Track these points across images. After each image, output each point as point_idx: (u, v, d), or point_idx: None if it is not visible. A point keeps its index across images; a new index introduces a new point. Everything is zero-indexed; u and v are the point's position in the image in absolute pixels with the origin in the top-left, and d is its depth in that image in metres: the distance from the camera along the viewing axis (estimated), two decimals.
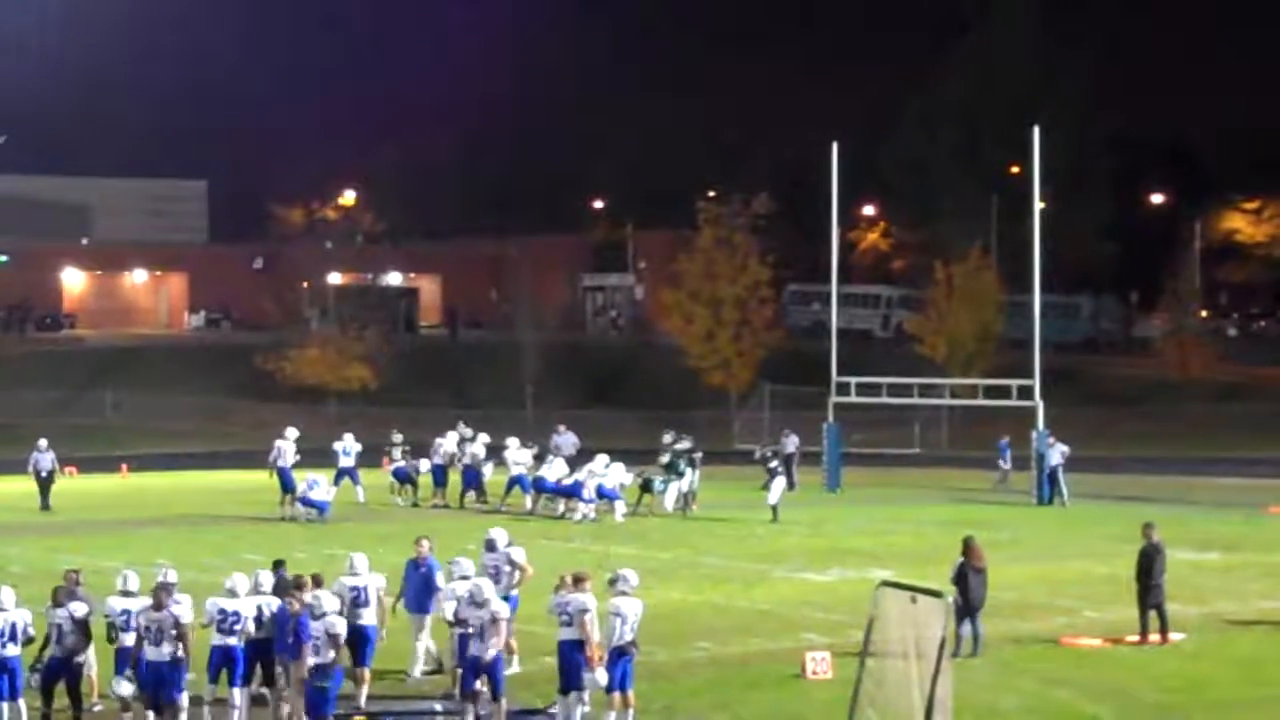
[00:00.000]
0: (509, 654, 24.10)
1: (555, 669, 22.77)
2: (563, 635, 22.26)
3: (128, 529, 43.46)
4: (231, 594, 22.64)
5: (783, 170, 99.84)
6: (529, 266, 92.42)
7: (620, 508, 45.20)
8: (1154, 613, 28.10)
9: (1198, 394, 79.87)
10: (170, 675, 21.60)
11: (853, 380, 56.28)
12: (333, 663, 21.81)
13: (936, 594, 19.75)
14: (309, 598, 22.37)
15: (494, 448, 49.23)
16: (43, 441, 49.19)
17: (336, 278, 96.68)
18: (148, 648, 21.64)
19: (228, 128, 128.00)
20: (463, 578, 23.91)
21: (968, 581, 26.80)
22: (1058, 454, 50.90)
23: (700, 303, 78.92)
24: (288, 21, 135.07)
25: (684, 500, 46.91)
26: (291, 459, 46.28)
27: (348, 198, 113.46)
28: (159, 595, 21.85)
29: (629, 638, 22.12)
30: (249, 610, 22.60)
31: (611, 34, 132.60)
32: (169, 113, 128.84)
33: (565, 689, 22.17)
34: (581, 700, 22.19)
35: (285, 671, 22.49)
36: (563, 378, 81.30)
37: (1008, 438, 55.21)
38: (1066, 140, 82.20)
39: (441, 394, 78.63)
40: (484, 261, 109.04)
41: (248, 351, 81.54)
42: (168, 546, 39.20)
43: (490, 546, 25.92)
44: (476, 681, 22.02)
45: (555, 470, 46.49)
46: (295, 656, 22.08)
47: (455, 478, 48.54)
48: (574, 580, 22.55)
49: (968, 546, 27.56)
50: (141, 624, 21.83)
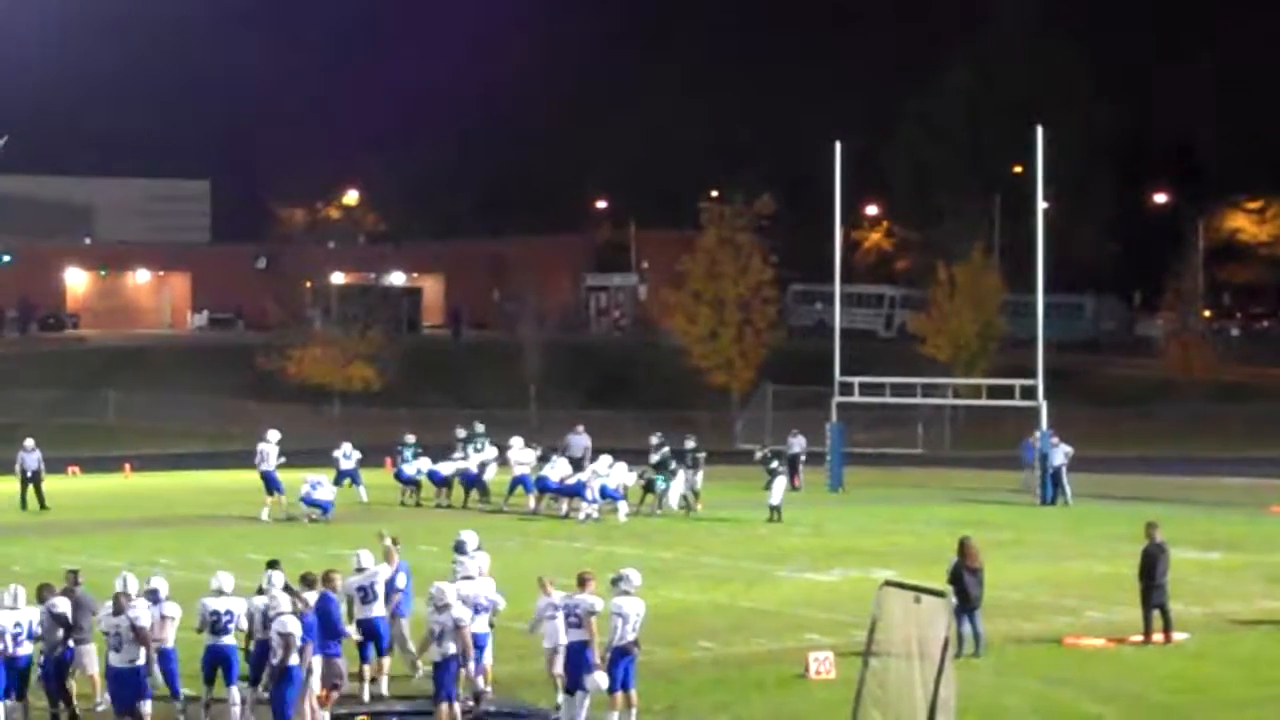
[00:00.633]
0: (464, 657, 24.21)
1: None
2: (570, 636, 22.25)
3: (130, 529, 43.44)
4: (219, 593, 22.64)
5: (785, 170, 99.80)
6: (532, 266, 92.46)
7: (623, 508, 45.21)
8: (1157, 612, 28.09)
9: (1200, 394, 79.86)
10: (131, 681, 21.48)
11: (856, 380, 56.26)
12: (283, 665, 21.70)
13: (940, 594, 19.75)
14: (264, 599, 22.54)
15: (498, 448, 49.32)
16: (29, 441, 49.10)
17: (339, 278, 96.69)
18: (110, 654, 21.58)
19: (230, 128, 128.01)
20: (465, 578, 23.91)
21: (963, 581, 26.78)
22: (1061, 454, 50.91)
23: (703, 303, 78.97)
24: (290, 22, 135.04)
25: (687, 499, 46.94)
26: (275, 461, 46.15)
27: (350, 197, 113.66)
28: (118, 600, 21.75)
29: (631, 637, 22.11)
30: (239, 608, 22.60)
31: (615, 34, 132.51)
32: (171, 113, 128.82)
33: (571, 689, 22.17)
34: (585, 700, 22.18)
35: (330, 665, 22.46)
36: (566, 378, 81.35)
37: (1031, 438, 55.32)
38: (1069, 140, 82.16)
39: (444, 394, 78.66)
40: (487, 261, 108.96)
41: (250, 351, 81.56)
42: (170, 546, 39.20)
43: (460, 549, 25.79)
44: (453, 682, 21.92)
45: (558, 470, 46.51)
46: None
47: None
48: (579, 581, 22.54)
49: (963, 546, 27.55)
50: (102, 630, 21.74)
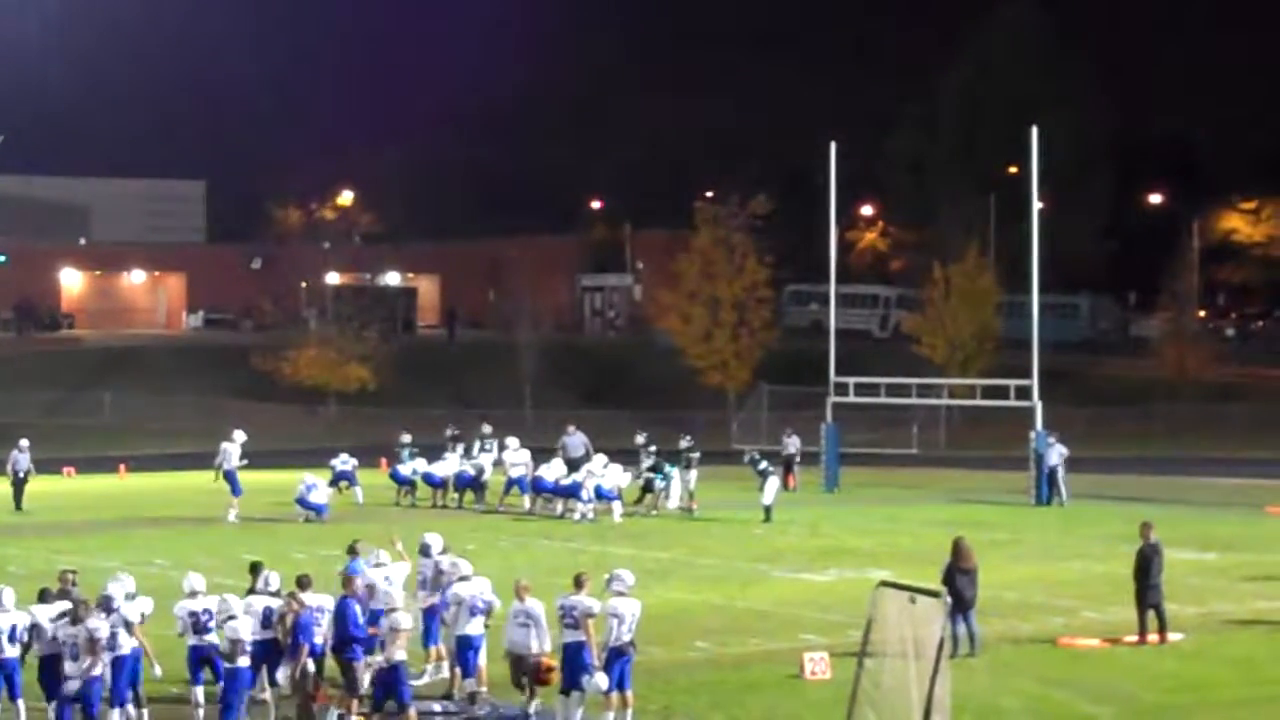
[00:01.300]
0: (438, 660, 24.06)
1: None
2: (567, 637, 22.28)
3: (125, 529, 43.45)
4: (193, 594, 22.64)
5: (780, 170, 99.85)
6: (527, 267, 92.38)
7: (618, 508, 45.21)
8: (1152, 613, 28.11)
9: (1195, 394, 79.87)
10: (85, 691, 21.36)
11: (851, 380, 56.26)
12: (236, 667, 21.71)
13: (935, 594, 19.77)
14: (261, 599, 22.62)
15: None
16: (24, 441, 49.10)
17: (335, 278, 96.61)
18: (67, 663, 21.45)
19: (226, 128, 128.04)
20: (462, 579, 23.95)
21: (956, 582, 26.78)
22: (1056, 454, 50.94)
23: (698, 303, 78.90)
24: (286, 22, 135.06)
25: (686, 499, 46.95)
26: (236, 461, 46.08)
27: (346, 198, 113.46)
28: (76, 611, 21.67)
29: (627, 638, 22.14)
30: (216, 605, 22.60)
31: (610, 35, 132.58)
32: (167, 113, 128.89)
33: (566, 689, 22.21)
34: (581, 700, 22.21)
35: (349, 670, 22.49)
36: (561, 378, 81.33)
37: (1055, 436, 55.39)
38: (1065, 141, 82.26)
39: (440, 394, 78.62)
40: (482, 262, 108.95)
41: (246, 352, 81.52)
42: (165, 547, 39.21)
43: (424, 551, 25.78)
44: (404, 687, 21.82)
45: (554, 470, 46.53)
46: (294, 656, 22.17)
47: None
48: (575, 582, 22.56)
49: (956, 547, 27.57)
50: (60, 639, 21.67)
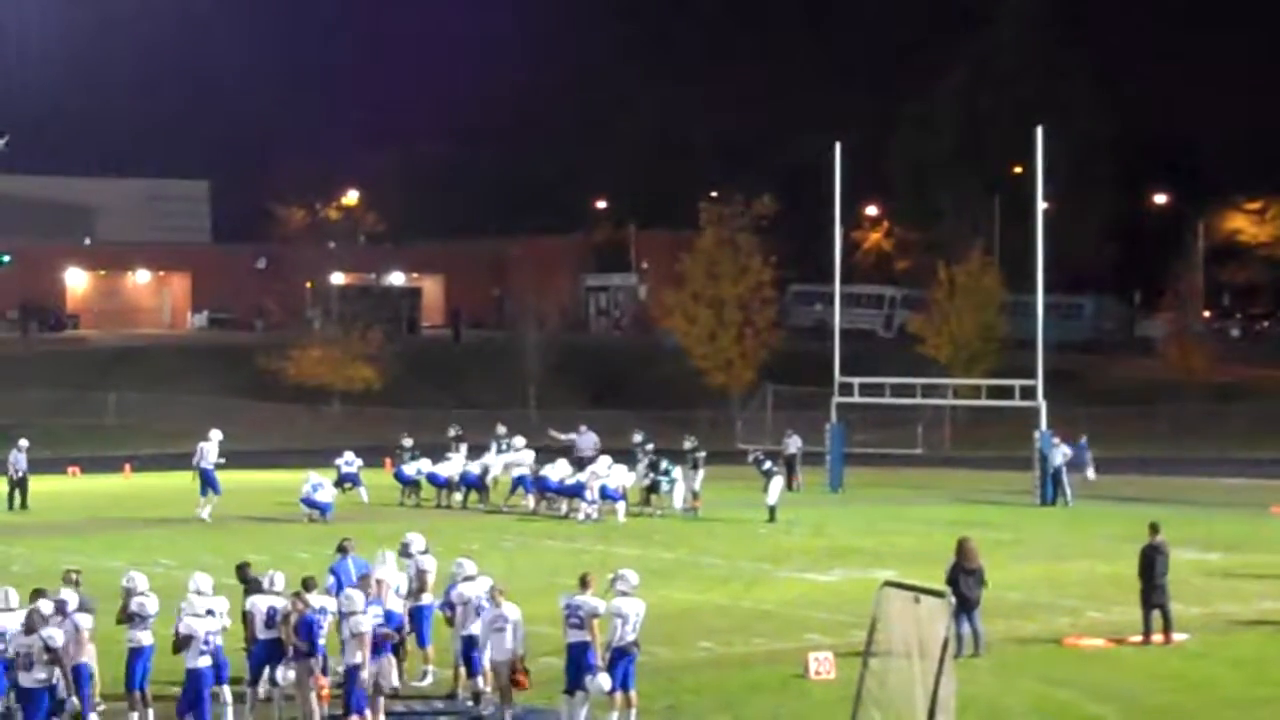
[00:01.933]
0: (425, 663, 23.99)
1: (558, 668, 22.78)
2: (572, 637, 22.24)
3: (130, 529, 43.49)
4: (198, 594, 22.63)
5: (785, 170, 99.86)
6: (532, 266, 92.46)
7: (623, 508, 45.22)
8: (1157, 613, 28.10)
9: (1200, 394, 79.83)
10: (39, 700, 21.24)
11: (856, 380, 56.27)
12: (195, 667, 21.66)
13: (939, 594, 19.74)
14: (265, 599, 22.67)
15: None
16: (23, 441, 49.15)
17: (339, 278, 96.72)
18: (20, 673, 21.29)
19: (230, 128, 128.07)
20: (467, 579, 23.92)
21: (960, 582, 26.77)
22: (1060, 455, 50.94)
23: (703, 303, 78.97)
24: (290, 22, 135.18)
25: (690, 500, 46.95)
26: (213, 460, 46.04)
27: (350, 198, 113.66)
28: (30, 619, 21.49)
29: (631, 638, 22.12)
30: (220, 607, 22.59)
31: (614, 34, 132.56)
32: (171, 113, 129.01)
33: (571, 689, 22.20)
34: (585, 700, 22.19)
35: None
36: (565, 378, 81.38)
37: (1085, 437, 55.32)
38: (1069, 141, 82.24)
39: (444, 394, 78.67)
40: (487, 261, 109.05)
41: (250, 352, 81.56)
42: (169, 547, 39.23)
43: (404, 551, 25.77)
44: (361, 691, 21.84)
45: (558, 470, 46.53)
46: (297, 657, 22.19)
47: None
48: (581, 582, 22.54)
49: (961, 547, 27.55)
50: (12, 650, 21.52)
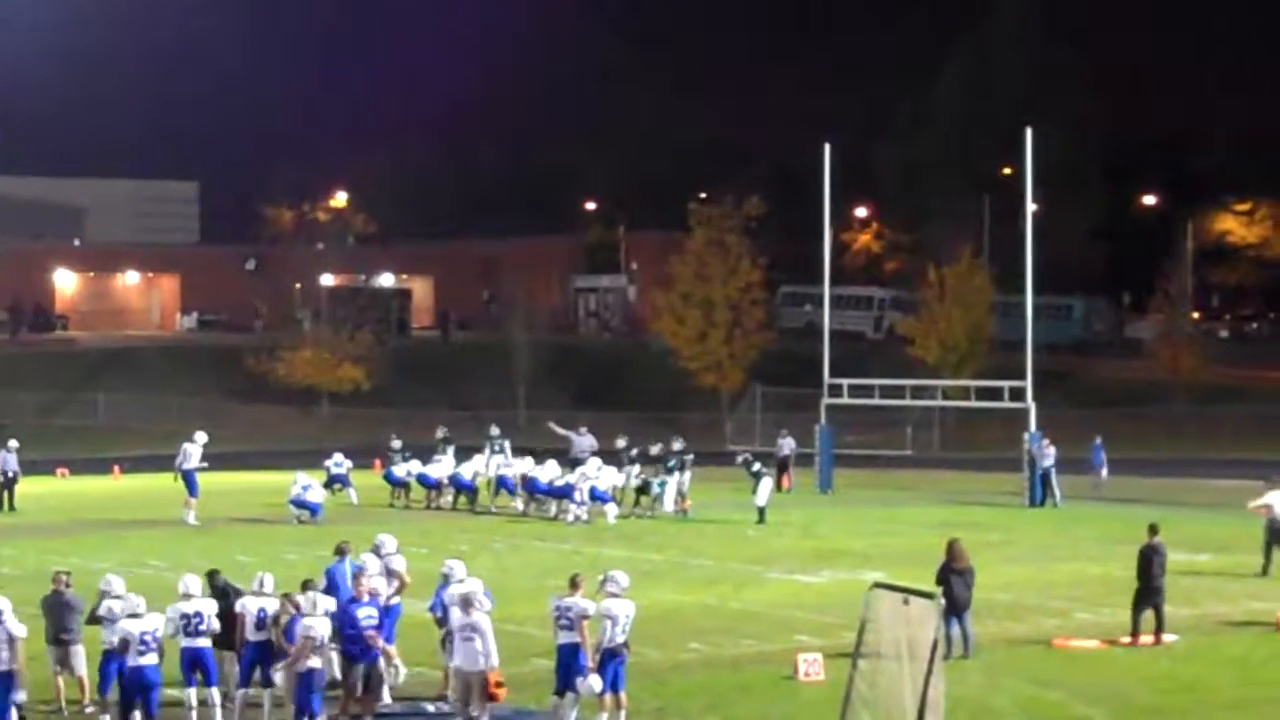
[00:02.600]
0: (390, 664, 24.02)
1: (548, 670, 22.81)
2: (562, 639, 22.27)
3: (120, 530, 43.44)
4: (188, 596, 22.63)
5: (775, 172, 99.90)
6: (521, 268, 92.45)
7: (612, 510, 45.21)
8: (1149, 614, 28.13)
9: (1189, 395, 79.90)
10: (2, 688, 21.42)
11: (845, 382, 56.28)
12: (138, 665, 21.68)
13: (928, 595, 19.77)
14: (255, 601, 22.65)
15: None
16: (13, 442, 49.02)
17: (329, 279, 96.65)
18: None
19: (220, 129, 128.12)
20: (457, 581, 23.93)
21: (950, 583, 26.80)
22: (1049, 456, 50.92)
23: (692, 304, 78.92)
24: (279, 23, 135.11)
25: (679, 501, 46.95)
26: (196, 462, 45.96)
27: (339, 199, 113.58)
28: None
29: (620, 639, 22.12)
30: (209, 609, 22.61)
31: (604, 35, 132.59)
32: (161, 114, 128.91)
33: (561, 690, 22.21)
34: (575, 702, 22.20)
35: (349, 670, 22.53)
36: (555, 379, 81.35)
37: (1100, 439, 55.35)
38: (1059, 142, 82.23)
39: (434, 395, 78.62)
40: (476, 262, 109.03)
41: (240, 353, 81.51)
42: (159, 548, 39.19)
43: (376, 552, 25.78)
44: (314, 695, 21.80)
45: (548, 472, 46.51)
46: (282, 657, 22.22)
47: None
48: (571, 584, 22.55)
49: (950, 548, 27.60)
50: None
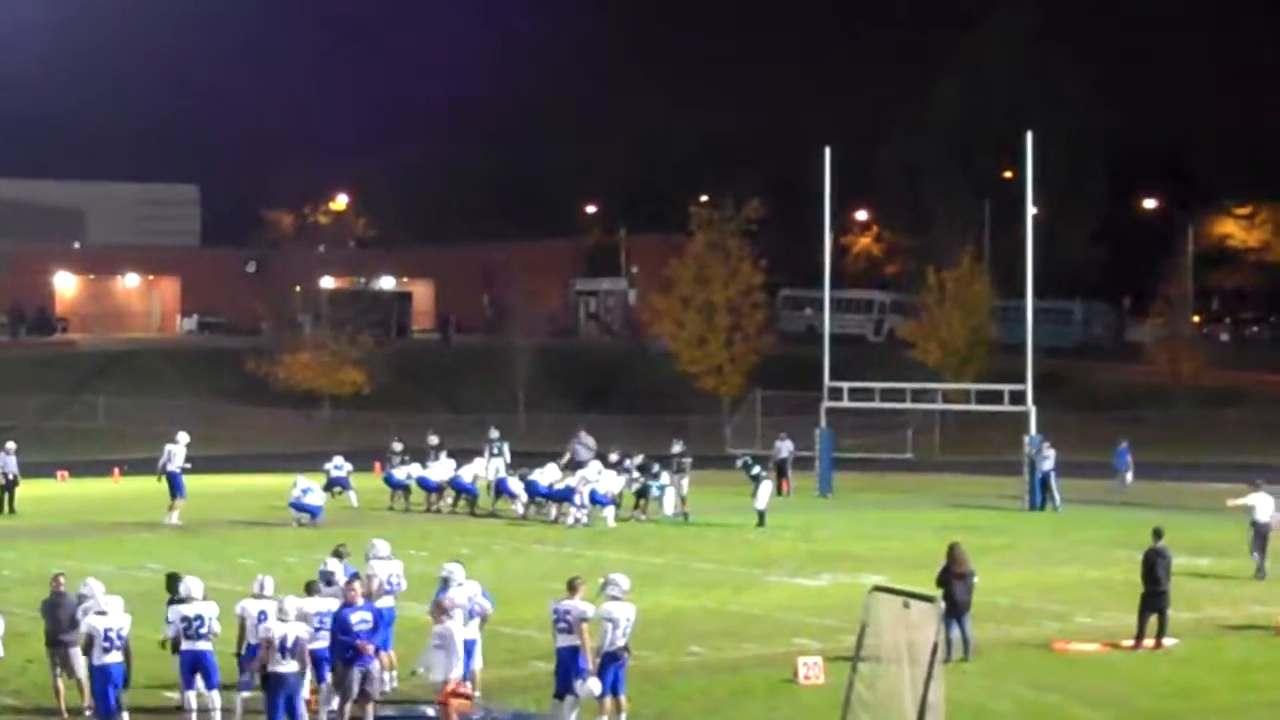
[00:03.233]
0: (388, 668, 23.98)
1: (548, 673, 22.79)
2: (561, 642, 22.26)
3: (120, 533, 43.43)
4: (188, 599, 22.63)
5: (775, 175, 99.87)
6: (522, 271, 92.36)
7: (612, 513, 45.21)
8: (1155, 617, 28.13)
9: (1190, 399, 79.88)
10: None
11: (845, 385, 56.28)
12: (103, 663, 21.74)
13: (928, 599, 19.76)
14: (255, 603, 22.63)
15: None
16: (10, 444, 48.94)
17: (329, 282, 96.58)
18: None
19: (220, 132, 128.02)
20: (457, 585, 23.91)
21: (950, 587, 26.81)
22: (1049, 460, 50.89)
23: (692, 308, 78.87)
24: (280, 25, 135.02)
25: (678, 505, 46.95)
26: (180, 463, 45.92)
27: (340, 202, 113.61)
28: None
29: (621, 643, 22.10)
30: (210, 612, 22.61)
31: (605, 39, 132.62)
32: (161, 117, 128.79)
33: (561, 693, 22.20)
34: (575, 705, 22.19)
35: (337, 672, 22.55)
36: (555, 382, 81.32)
37: (1126, 442, 55.31)
38: (1060, 145, 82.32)
39: (434, 398, 78.60)
40: (477, 266, 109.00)
41: (240, 356, 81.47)
42: (159, 551, 39.19)
43: (367, 555, 25.83)
44: (279, 697, 21.74)
45: (547, 475, 46.50)
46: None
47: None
48: (569, 587, 22.54)
49: (951, 552, 27.61)
50: None
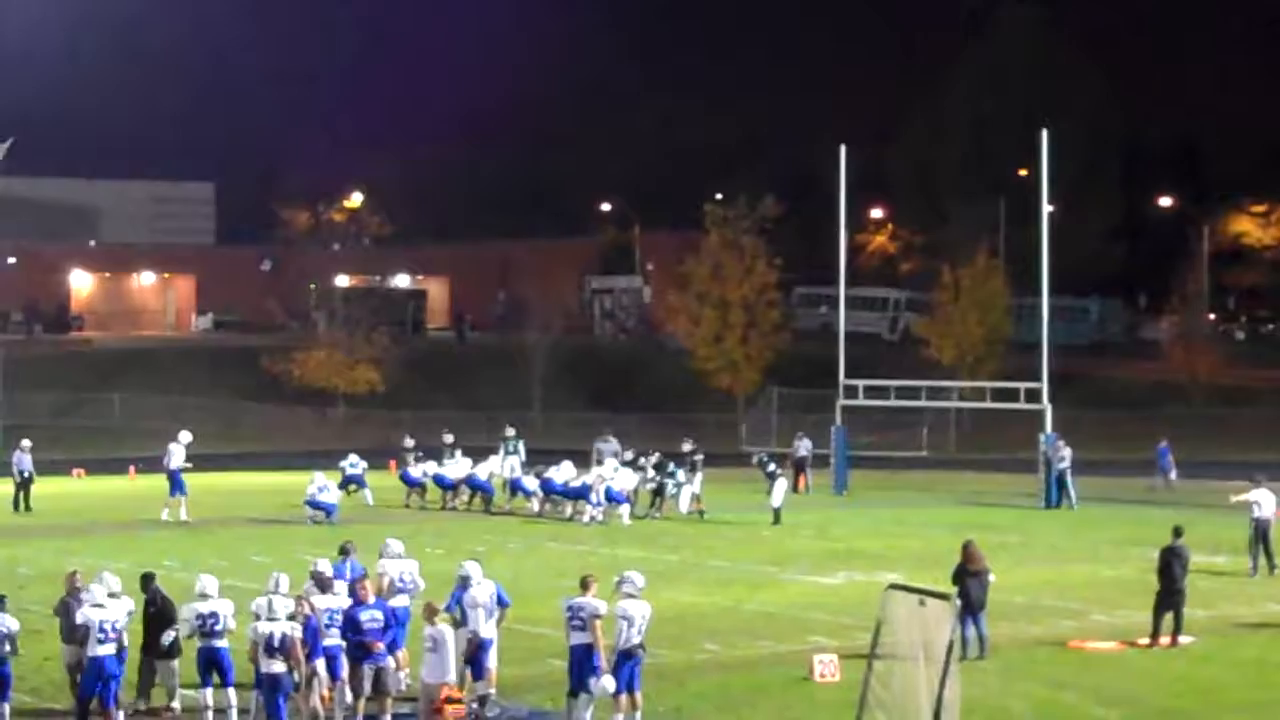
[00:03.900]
0: (402, 666, 24.00)
1: (563, 671, 22.80)
2: (574, 639, 22.26)
3: (135, 531, 43.48)
4: (204, 596, 22.66)
5: (790, 172, 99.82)
6: (537, 269, 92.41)
7: (627, 511, 45.22)
8: (1170, 615, 28.10)
9: (1205, 397, 79.83)
10: None
11: (860, 383, 56.25)
12: (95, 655, 21.78)
13: (944, 597, 19.76)
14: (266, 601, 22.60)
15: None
16: (26, 442, 48.95)
17: (344, 280, 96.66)
18: None
19: (235, 130, 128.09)
20: (476, 584, 23.87)
21: (965, 584, 26.79)
22: (1065, 458, 50.80)
23: (707, 305, 78.88)
24: (295, 23, 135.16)
25: (693, 503, 46.95)
26: (180, 462, 45.95)
27: (355, 200, 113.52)
28: None
29: (636, 640, 22.09)
30: (226, 609, 22.64)
31: (619, 36, 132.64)
32: (177, 115, 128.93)
33: (575, 691, 22.21)
34: (590, 702, 22.19)
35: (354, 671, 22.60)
36: (570, 380, 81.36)
37: (1166, 441, 55.27)
38: (1075, 143, 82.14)
39: (449, 396, 78.66)
40: (492, 263, 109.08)
41: (255, 354, 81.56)
42: (175, 549, 39.23)
43: (381, 554, 25.92)
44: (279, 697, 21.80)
45: (563, 473, 46.50)
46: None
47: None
48: (582, 584, 22.55)
49: (965, 550, 27.58)
50: None
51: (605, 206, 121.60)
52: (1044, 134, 52.72)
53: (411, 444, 50.67)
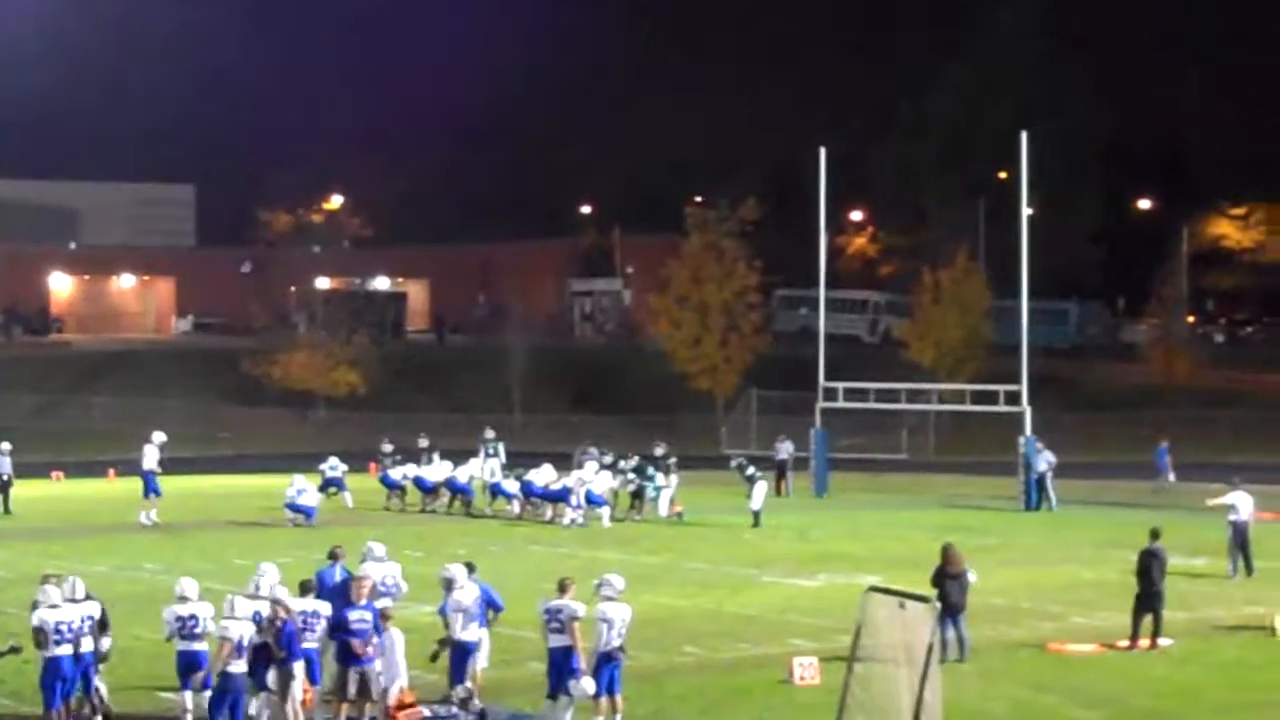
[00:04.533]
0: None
1: (542, 674, 22.76)
2: (553, 642, 22.26)
3: (116, 533, 43.39)
4: (183, 599, 22.60)
5: (771, 175, 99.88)
6: (517, 271, 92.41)
7: (607, 513, 45.23)
8: (1150, 617, 28.14)
9: (1184, 400, 79.92)
10: None
11: (840, 385, 56.30)
12: (51, 655, 21.72)
13: (924, 599, 19.75)
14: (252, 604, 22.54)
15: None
16: (5, 444, 48.78)
17: (324, 282, 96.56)
18: None
19: (216, 132, 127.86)
20: (459, 587, 23.81)
21: (945, 587, 26.80)
22: (1044, 461, 50.90)
23: (688, 308, 78.91)
24: (276, 26, 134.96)
25: (670, 506, 46.97)
26: (153, 463, 45.84)
27: (335, 202, 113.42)
28: None
29: (616, 643, 22.11)
30: (205, 612, 22.56)
31: (600, 40, 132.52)
32: (157, 117, 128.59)
33: (554, 693, 22.20)
34: (569, 705, 22.18)
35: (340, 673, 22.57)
36: (550, 382, 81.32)
37: (1166, 442, 55.28)
38: (1055, 146, 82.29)
39: (429, 398, 78.59)
40: (472, 266, 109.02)
41: (235, 356, 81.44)
42: (155, 551, 39.18)
43: (363, 558, 25.89)
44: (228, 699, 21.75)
45: (543, 476, 46.50)
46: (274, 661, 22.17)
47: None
48: (559, 586, 22.54)
49: (945, 552, 27.59)
50: None
51: (585, 209, 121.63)
52: (1023, 136, 52.82)
53: (390, 449, 50.68)
